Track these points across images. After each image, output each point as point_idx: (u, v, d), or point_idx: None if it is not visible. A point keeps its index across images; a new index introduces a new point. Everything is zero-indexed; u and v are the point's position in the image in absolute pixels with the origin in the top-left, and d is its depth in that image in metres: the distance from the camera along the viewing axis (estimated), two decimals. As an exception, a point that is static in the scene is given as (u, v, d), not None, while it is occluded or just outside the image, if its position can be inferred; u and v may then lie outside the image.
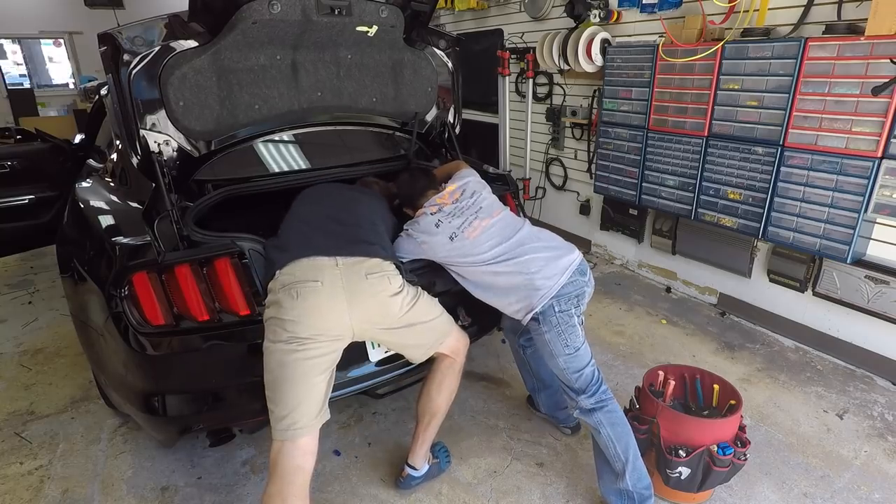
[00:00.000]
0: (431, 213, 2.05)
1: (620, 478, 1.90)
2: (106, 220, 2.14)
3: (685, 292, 3.87)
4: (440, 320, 1.94)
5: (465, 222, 2.01)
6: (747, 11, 3.00)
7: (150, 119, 2.01)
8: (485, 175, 2.76)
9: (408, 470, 2.10)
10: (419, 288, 1.92)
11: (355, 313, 1.69)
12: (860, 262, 2.79)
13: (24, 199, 3.67)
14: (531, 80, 4.73)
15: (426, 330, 1.89)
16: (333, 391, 1.77)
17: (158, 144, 2.06)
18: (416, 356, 1.95)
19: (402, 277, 1.83)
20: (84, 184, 2.53)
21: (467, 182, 2.17)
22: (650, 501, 1.92)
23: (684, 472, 1.93)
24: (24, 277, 4.29)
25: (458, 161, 2.63)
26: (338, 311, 1.66)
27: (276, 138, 2.55)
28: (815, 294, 3.02)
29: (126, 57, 1.85)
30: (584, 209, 4.60)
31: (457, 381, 2.02)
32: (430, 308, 1.91)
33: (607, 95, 3.78)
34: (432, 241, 1.99)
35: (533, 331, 2.00)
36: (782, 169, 2.86)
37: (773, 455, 2.33)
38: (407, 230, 2.07)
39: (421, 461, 2.09)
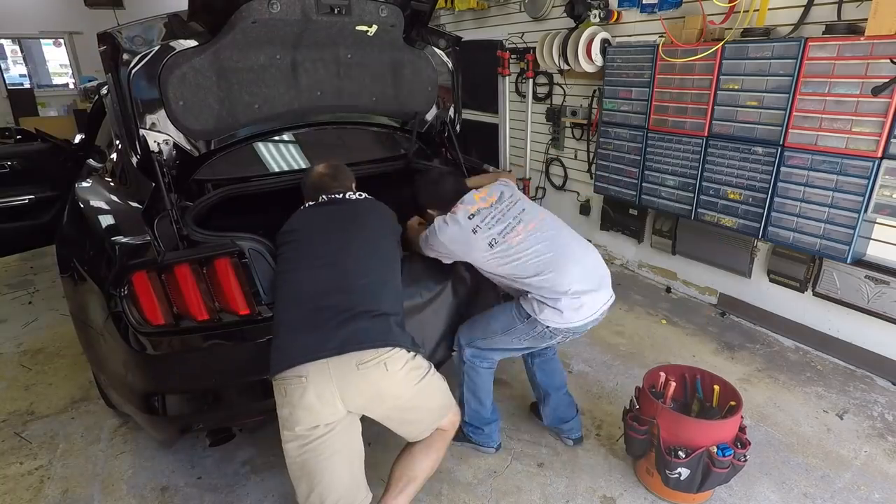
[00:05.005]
0: (469, 217, 1.95)
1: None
2: (106, 220, 2.14)
3: (685, 292, 3.87)
4: (444, 398, 1.79)
5: (507, 227, 1.94)
6: (747, 11, 2.99)
7: (149, 118, 2.01)
8: (484, 173, 2.77)
9: None
10: (430, 366, 1.74)
11: (350, 402, 1.56)
12: (860, 262, 2.79)
13: (24, 200, 3.67)
14: (531, 81, 4.73)
15: (430, 409, 1.75)
16: None
17: (158, 144, 2.06)
18: (414, 435, 1.77)
19: (406, 354, 1.64)
20: (84, 184, 2.53)
21: (503, 188, 2.08)
22: (479, 431, 2.30)
23: (684, 472, 1.93)
24: (24, 277, 4.29)
25: (496, 173, 2.63)
26: (329, 403, 1.53)
27: (276, 138, 2.55)
28: (815, 294, 3.02)
29: (126, 56, 1.86)
30: (584, 209, 4.59)
31: (445, 449, 1.83)
32: (434, 389, 1.74)
33: (607, 95, 3.77)
34: (468, 248, 1.95)
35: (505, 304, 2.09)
36: (782, 169, 2.85)
37: (773, 455, 2.33)
38: (436, 232, 1.97)
39: None
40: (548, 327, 1.95)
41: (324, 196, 1.93)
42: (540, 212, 2.07)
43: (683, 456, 1.91)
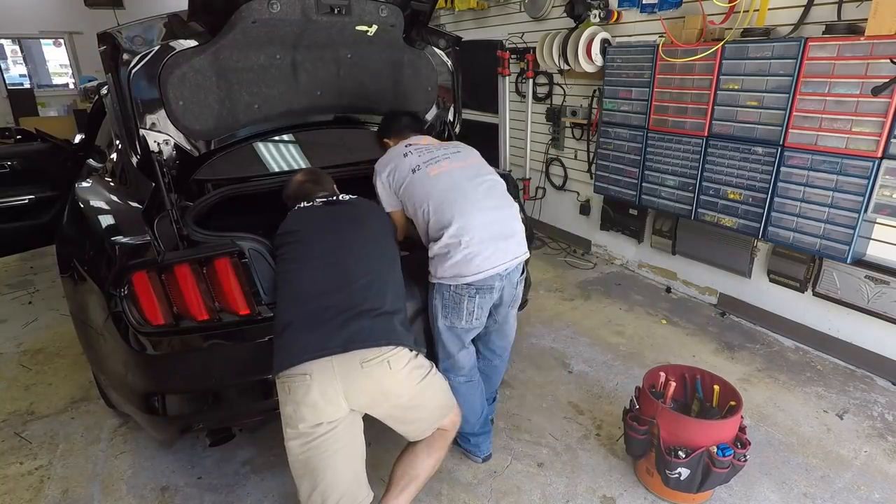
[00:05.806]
0: (406, 146, 2.08)
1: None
2: (106, 220, 2.14)
3: (685, 292, 3.87)
4: (445, 398, 1.81)
5: (433, 159, 2.01)
6: (747, 11, 3.00)
7: (149, 118, 2.01)
8: None
9: None
10: (431, 365, 1.76)
11: (354, 400, 1.57)
12: (860, 262, 2.79)
13: (24, 199, 3.67)
14: (531, 81, 4.73)
15: (431, 409, 1.75)
16: None
17: (158, 144, 2.06)
18: (415, 434, 1.77)
19: (409, 353, 1.65)
20: (84, 184, 2.53)
21: (453, 143, 2.18)
22: (466, 440, 2.27)
23: (684, 472, 1.93)
24: (24, 277, 4.29)
25: None
26: (333, 401, 1.54)
27: (276, 138, 2.55)
28: (815, 294, 3.02)
29: (126, 56, 1.85)
30: (584, 209, 4.60)
31: (446, 449, 1.83)
32: (435, 389, 1.76)
33: (607, 95, 3.78)
34: (396, 171, 2.00)
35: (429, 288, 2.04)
36: (782, 169, 2.86)
37: (773, 455, 2.33)
38: (376, 169, 2.07)
39: None
40: (449, 287, 1.93)
41: (318, 198, 1.94)
42: (472, 158, 2.10)
43: (683, 456, 1.91)
